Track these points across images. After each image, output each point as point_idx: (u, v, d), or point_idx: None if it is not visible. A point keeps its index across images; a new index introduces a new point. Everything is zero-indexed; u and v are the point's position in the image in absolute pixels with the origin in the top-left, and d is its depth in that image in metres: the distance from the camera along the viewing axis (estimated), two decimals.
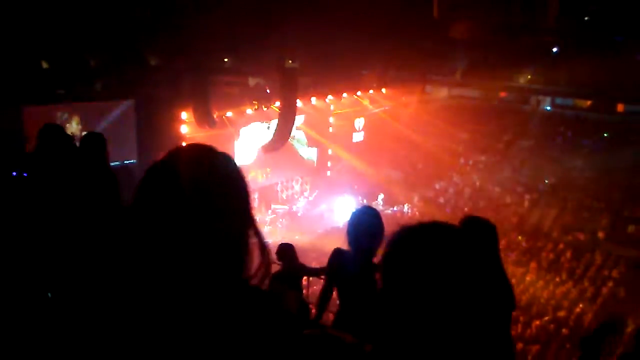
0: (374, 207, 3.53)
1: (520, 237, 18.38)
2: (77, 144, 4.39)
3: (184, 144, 1.19)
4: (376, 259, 3.23)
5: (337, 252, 3.47)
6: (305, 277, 10.53)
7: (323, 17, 15.68)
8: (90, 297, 1.03)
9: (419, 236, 1.06)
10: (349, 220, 3.25)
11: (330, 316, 4.33)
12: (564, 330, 13.71)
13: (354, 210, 3.39)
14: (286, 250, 5.75)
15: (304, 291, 6.18)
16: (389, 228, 3.28)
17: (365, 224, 3.18)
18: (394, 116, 23.35)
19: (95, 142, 4.16)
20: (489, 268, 1.05)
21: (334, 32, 15.80)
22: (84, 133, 12.73)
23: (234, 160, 1.15)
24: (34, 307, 1.02)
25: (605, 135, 21.86)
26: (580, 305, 14.82)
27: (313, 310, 4.99)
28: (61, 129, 4.04)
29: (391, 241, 1.09)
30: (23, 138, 10.12)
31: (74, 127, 12.99)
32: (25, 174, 3.99)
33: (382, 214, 3.39)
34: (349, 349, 1.16)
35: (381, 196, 20.93)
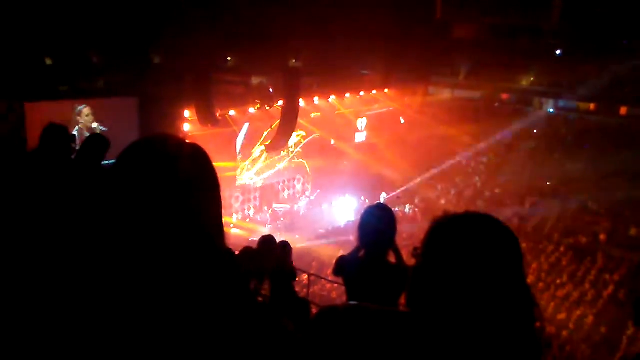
0: (385, 205, 3.50)
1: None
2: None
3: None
4: (390, 257, 3.23)
5: (341, 258, 3.45)
6: (305, 277, 10.54)
7: (327, 18, 15.69)
8: (81, 292, 1.04)
9: (462, 223, 1.21)
10: (360, 219, 3.22)
11: None
12: (564, 332, 13.70)
13: (365, 208, 3.33)
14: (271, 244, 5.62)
15: (304, 290, 6.18)
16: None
17: (374, 223, 3.17)
18: (397, 117, 23.37)
19: (97, 144, 4.15)
20: (514, 252, 1.20)
21: (338, 33, 15.81)
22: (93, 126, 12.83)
23: (201, 150, 1.14)
24: (30, 306, 1.04)
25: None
26: (581, 308, 14.81)
27: (314, 310, 4.98)
28: (64, 130, 4.03)
29: (437, 225, 1.21)
30: (25, 134, 10.17)
31: (85, 119, 13.10)
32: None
33: None
34: (387, 317, 1.21)
35: (383, 196, 20.94)
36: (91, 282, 1.04)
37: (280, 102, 16.77)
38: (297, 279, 5.93)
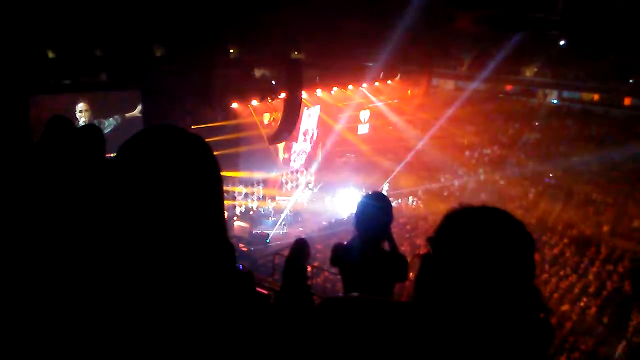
0: (381, 193, 3.51)
1: None
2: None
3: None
4: (385, 245, 3.24)
5: (337, 246, 3.48)
6: (309, 269, 10.53)
7: (329, 9, 15.61)
8: (82, 290, 1.04)
9: (474, 215, 1.20)
10: (356, 207, 3.25)
11: None
12: (567, 324, 13.71)
13: (362, 197, 3.35)
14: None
15: (308, 282, 6.16)
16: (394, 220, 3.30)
17: (370, 211, 3.18)
18: (400, 108, 23.30)
19: (92, 134, 4.13)
20: (528, 249, 1.21)
21: (340, 24, 15.74)
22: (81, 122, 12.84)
23: (203, 142, 1.14)
24: (31, 304, 1.03)
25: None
26: (584, 299, 14.81)
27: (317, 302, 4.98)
28: (70, 122, 4.02)
29: (448, 216, 1.20)
30: (29, 128, 10.16)
31: (78, 115, 13.13)
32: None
33: None
34: (391, 308, 1.21)
35: (385, 188, 20.93)
36: (94, 277, 1.04)
37: (283, 95, 16.74)
38: None
